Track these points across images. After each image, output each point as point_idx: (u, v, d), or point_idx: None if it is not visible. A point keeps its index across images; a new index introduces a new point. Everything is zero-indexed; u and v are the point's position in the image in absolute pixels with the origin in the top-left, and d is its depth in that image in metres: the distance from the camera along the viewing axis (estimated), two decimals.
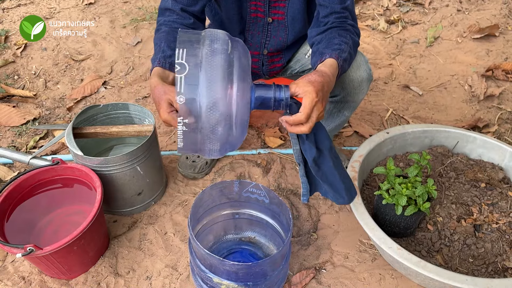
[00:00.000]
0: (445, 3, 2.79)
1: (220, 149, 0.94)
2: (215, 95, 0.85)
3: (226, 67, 0.86)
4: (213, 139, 0.90)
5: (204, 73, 0.84)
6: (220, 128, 0.88)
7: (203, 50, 0.86)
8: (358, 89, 1.33)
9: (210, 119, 0.86)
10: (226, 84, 0.86)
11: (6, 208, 1.35)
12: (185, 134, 0.89)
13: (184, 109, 0.85)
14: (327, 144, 1.09)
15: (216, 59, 0.86)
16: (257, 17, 1.40)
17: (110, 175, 1.43)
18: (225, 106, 0.86)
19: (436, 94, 2.14)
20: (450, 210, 1.45)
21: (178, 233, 1.51)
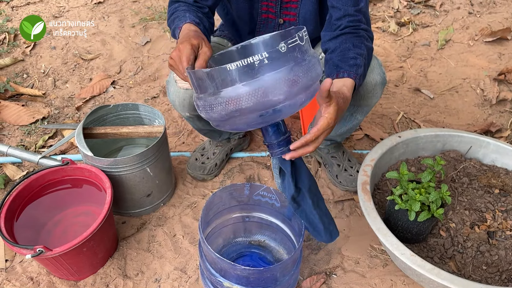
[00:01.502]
0: (456, 6, 2.76)
1: (213, 122, 0.93)
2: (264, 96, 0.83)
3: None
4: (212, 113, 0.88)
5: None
6: (224, 113, 0.86)
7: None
8: (372, 93, 1.31)
9: (228, 107, 0.84)
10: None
11: (15, 208, 1.34)
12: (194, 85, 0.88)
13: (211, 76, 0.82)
14: (306, 184, 1.09)
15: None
16: (268, 17, 1.39)
17: (120, 176, 1.42)
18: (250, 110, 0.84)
19: (448, 98, 2.11)
20: (463, 216, 1.43)
21: (187, 235, 1.50)
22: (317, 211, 1.11)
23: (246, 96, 0.81)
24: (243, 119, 0.86)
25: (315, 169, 1.73)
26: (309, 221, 1.13)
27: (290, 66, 0.81)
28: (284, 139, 0.99)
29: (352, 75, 1.09)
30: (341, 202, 1.61)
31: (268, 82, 0.80)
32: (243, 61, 0.77)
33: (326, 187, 1.67)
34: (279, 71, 0.80)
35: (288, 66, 0.81)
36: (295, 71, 0.82)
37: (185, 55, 0.97)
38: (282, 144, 0.99)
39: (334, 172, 1.67)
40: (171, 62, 1.02)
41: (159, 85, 2.20)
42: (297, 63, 0.82)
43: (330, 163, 1.68)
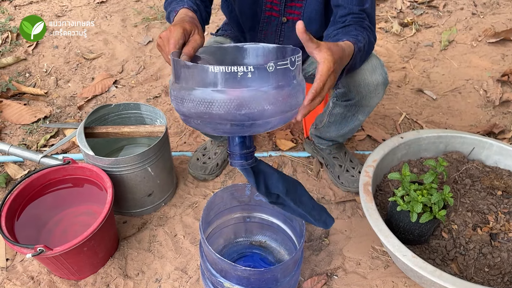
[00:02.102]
0: (459, 6, 2.75)
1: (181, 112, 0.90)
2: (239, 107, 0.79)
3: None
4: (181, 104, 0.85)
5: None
6: (193, 111, 0.83)
7: None
8: (374, 93, 1.30)
9: (198, 107, 0.81)
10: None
11: (16, 207, 1.34)
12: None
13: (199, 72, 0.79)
14: (281, 189, 1.06)
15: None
16: (271, 16, 1.37)
17: (121, 175, 1.42)
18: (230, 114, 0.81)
19: (450, 99, 2.10)
20: (466, 218, 1.42)
21: (188, 235, 1.49)
22: (302, 208, 1.09)
23: (219, 102, 0.78)
24: (211, 123, 0.83)
25: (316, 170, 1.72)
26: (299, 215, 1.12)
27: (271, 87, 0.78)
28: (247, 153, 0.97)
29: (351, 40, 1.06)
30: (343, 203, 1.61)
31: (245, 96, 0.77)
32: (227, 67, 0.75)
33: (328, 187, 1.66)
34: (259, 89, 0.78)
35: (270, 86, 0.78)
36: (276, 94, 0.79)
37: (174, 37, 0.94)
38: (243, 157, 0.96)
39: (336, 173, 1.66)
40: (159, 42, 0.98)
41: (161, 85, 2.20)
42: (280, 87, 0.79)
43: (332, 164, 1.67)
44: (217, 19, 2.68)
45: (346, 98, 1.36)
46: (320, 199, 1.61)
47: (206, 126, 0.86)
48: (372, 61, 1.28)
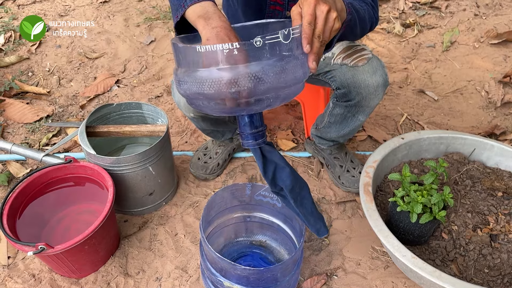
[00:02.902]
0: (462, 7, 2.75)
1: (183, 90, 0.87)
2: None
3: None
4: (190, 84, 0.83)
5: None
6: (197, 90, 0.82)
7: None
8: (374, 94, 1.31)
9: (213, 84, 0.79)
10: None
11: (18, 205, 1.35)
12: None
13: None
14: (288, 184, 1.03)
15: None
16: (275, 10, 1.36)
17: (122, 174, 1.43)
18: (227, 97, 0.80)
19: (452, 100, 2.10)
20: (466, 219, 1.42)
21: (188, 234, 1.50)
22: (300, 210, 1.07)
23: (208, 82, 0.78)
24: (209, 103, 0.83)
25: (317, 170, 1.73)
26: (296, 213, 1.10)
27: (260, 63, 0.76)
28: (257, 132, 0.95)
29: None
30: (343, 203, 1.61)
31: (232, 75, 0.76)
32: (212, 46, 0.74)
33: (329, 188, 1.66)
34: (246, 65, 0.76)
35: (259, 62, 0.76)
36: (265, 70, 0.77)
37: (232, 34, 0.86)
38: (253, 136, 0.95)
39: (337, 173, 1.66)
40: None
41: (163, 84, 2.20)
42: (270, 63, 0.77)
43: (333, 164, 1.68)
44: None
45: (346, 98, 1.36)
46: (320, 199, 1.62)
47: (207, 107, 0.86)
48: (373, 63, 1.28)
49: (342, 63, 1.31)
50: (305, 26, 0.81)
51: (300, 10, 0.84)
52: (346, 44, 1.36)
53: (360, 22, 1.06)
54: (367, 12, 1.12)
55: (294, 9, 0.85)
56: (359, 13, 1.03)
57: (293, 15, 0.85)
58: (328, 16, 0.83)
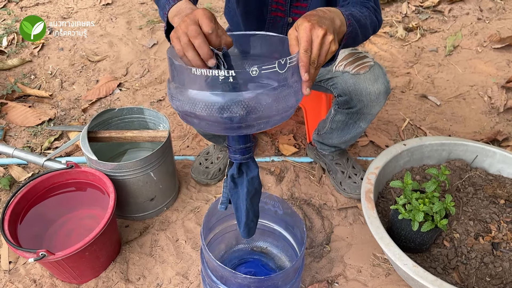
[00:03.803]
0: (465, 11, 2.74)
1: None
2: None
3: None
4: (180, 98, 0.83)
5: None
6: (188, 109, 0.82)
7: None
8: (375, 102, 1.30)
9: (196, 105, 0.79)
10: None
11: (20, 210, 1.35)
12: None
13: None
14: (251, 172, 1.00)
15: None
16: (277, 16, 1.36)
17: (124, 180, 1.43)
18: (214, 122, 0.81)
19: (455, 105, 2.10)
20: (468, 226, 1.42)
21: (189, 240, 1.50)
22: (247, 202, 1.02)
23: (201, 104, 0.78)
24: (202, 122, 0.84)
25: (319, 176, 1.72)
26: (236, 207, 1.05)
27: (255, 93, 0.76)
28: (243, 148, 0.95)
29: (340, 9, 0.96)
30: (345, 209, 1.60)
31: (224, 101, 0.76)
32: (208, 71, 0.74)
33: (330, 194, 1.66)
34: (240, 93, 0.76)
35: (253, 92, 0.76)
36: (259, 99, 0.77)
37: (208, 16, 0.81)
38: (239, 152, 0.95)
39: (338, 179, 1.66)
40: (182, 37, 0.81)
41: (165, 88, 2.21)
42: (265, 92, 0.77)
43: (334, 170, 1.67)
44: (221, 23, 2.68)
45: (348, 106, 1.36)
46: (322, 206, 1.61)
47: (197, 125, 0.86)
48: (374, 70, 1.28)
49: (344, 70, 1.31)
50: (302, 54, 0.81)
51: (296, 34, 0.84)
52: (348, 51, 1.36)
53: (362, 30, 1.05)
54: (369, 18, 1.11)
55: (291, 32, 0.85)
56: (360, 22, 1.03)
57: (290, 39, 0.85)
58: (324, 40, 0.82)
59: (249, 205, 1.03)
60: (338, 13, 0.92)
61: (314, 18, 0.83)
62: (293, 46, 0.83)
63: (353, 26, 0.97)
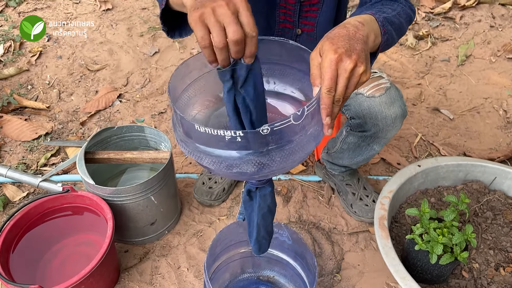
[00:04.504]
0: (477, 18, 2.65)
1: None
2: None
3: None
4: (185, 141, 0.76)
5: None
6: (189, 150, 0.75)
7: None
8: (391, 126, 1.22)
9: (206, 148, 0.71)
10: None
11: (12, 238, 1.27)
12: None
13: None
14: (266, 188, 0.90)
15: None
16: (285, 27, 1.27)
17: (123, 205, 1.35)
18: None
19: (468, 119, 2.01)
20: (488, 256, 1.33)
21: (192, 267, 1.42)
22: (258, 217, 0.94)
23: (208, 159, 0.71)
24: (211, 170, 0.76)
25: (328, 196, 1.64)
26: (249, 220, 0.97)
27: (266, 150, 0.67)
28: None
29: (369, 12, 0.84)
30: (356, 234, 1.52)
31: (233, 159, 0.69)
32: (213, 130, 0.64)
33: (340, 216, 1.58)
34: (250, 152, 0.67)
35: (264, 149, 0.67)
36: (271, 156, 0.68)
37: (250, 10, 0.66)
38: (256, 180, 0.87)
39: (349, 201, 1.57)
40: (214, 27, 0.64)
41: (166, 99, 2.12)
42: (279, 147, 0.67)
43: (345, 191, 1.59)
44: None
45: (362, 129, 1.27)
46: (332, 229, 1.53)
47: (207, 169, 0.78)
48: (390, 93, 1.19)
49: (358, 92, 1.23)
50: (324, 94, 0.69)
51: (319, 61, 0.72)
52: None
53: (398, 32, 0.94)
54: (403, 14, 0.98)
55: (314, 57, 0.73)
56: (394, 24, 0.91)
57: (312, 65, 0.73)
58: (353, 73, 0.71)
59: (261, 221, 0.95)
60: (371, 24, 0.80)
61: (342, 44, 0.71)
62: (314, 76, 0.72)
63: (389, 33, 0.85)
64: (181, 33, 0.93)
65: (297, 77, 0.87)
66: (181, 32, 0.93)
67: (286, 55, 0.84)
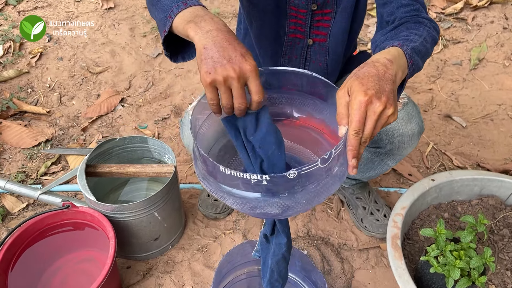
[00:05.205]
0: (489, 19, 2.57)
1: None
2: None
3: None
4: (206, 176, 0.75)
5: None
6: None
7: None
8: (408, 144, 1.16)
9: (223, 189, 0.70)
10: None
11: (11, 257, 1.23)
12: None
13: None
14: (286, 233, 0.89)
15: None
16: (295, 38, 1.20)
17: (125, 221, 1.30)
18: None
19: (482, 127, 1.95)
20: (505, 277, 1.28)
21: (196, 285, 1.37)
22: (271, 262, 0.93)
23: (231, 199, 0.70)
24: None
25: (337, 209, 1.59)
26: (264, 261, 0.97)
27: (291, 193, 0.66)
28: None
29: (396, 44, 0.83)
30: (366, 250, 1.47)
31: (258, 201, 0.67)
32: (238, 173, 0.64)
33: (350, 231, 1.52)
34: (276, 196, 0.66)
35: (290, 192, 0.66)
36: (297, 198, 0.67)
37: (255, 74, 0.71)
38: None
39: (359, 215, 1.52)
40: (223, 89, 0.71)
41: (170, 104, 2.06)
42: (304, 189, 0.66)
43: (355, 205, 1.53)
44: None
45: (376, 145, 1.21)
46: (341, 246, 1.48)
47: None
48: (408, 109, 1.13)
49: None
50: (351, 136, 0.67)
51: (347, 100, 0.69)
52: None
53: (423, 59, 0.90)
54: (429, 38, 0.93)
55: (341, 96, 0.70)
56: (421, 53, 0.87)
57: (339, 104, 0.70)
58: (382, 115, 0.68)
59: (275, 266, 0.93)
60: (399, 60, 0.77)
61: (372, 85, 0.68)
62: (341, 116, 0.69)
63: (416, 64, 0.82)
64: (184, 57, 0.90)
65: (318, 109, 0.83)
66: (184, 56, 0.89)
67: (307, 86, 0.82)
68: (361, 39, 2.48)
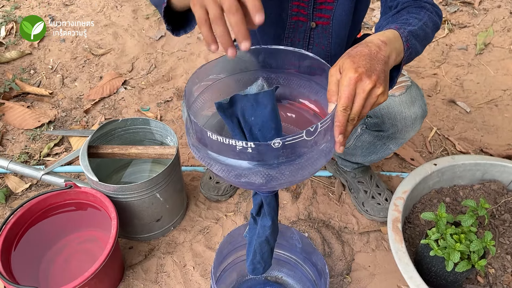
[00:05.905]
0: (496, 3, 2.53)
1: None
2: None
3: None
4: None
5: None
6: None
7: None
8: (411, 127, 1.15)
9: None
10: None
11: (14, 236, 1.24)
12: None
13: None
14: (274, 210, 0.89)
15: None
16: (298, 21, 1.19)
17: (127, 202, 1.31)
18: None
19: (486, 112, 1.93)
20: (505, 261, 1.28)
21: (198, 266, 1.38)
22: (255, 243, 0.94)
23: (217, 166, 0.69)
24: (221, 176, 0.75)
25: (338, 193, 1.59)
26: (249, 242, 0.98)
27: (276, 163, 0.66)
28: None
29: (393, 27, 0.82)
30: (367, 233, 1.47)
31: (242, 169, 0.67)
32: (224, 139, 0.64)
33: (351, 214, 1.53)
34: (260, 164, 0.66)
35: (274, 162, 0.66)
36: (281, 169, 0.67)
37: None
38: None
39: (360, 199, 1.52)
40: (211, 6, 0.65)
41: (172, 87, 2.06)
42: (288, 160, 0.66)
43: (356, 189, 1.53)
44: None
45: (378, 129, 1.21)
46: (342, 229, 1.48)
47: (216, 174, 0.77)
48: (411, 92, 1.13)
49: None
50: (339, 112, 0.67)
51: (338, 78, 0.69)
52: None
53: (422, 43, 0.89)
54: (430, 22, 0.93)
55: (333, 73, 0.70)
56: (419, 37, 0.87)
57: (330, 81, 0.70)
58: (371, 94, 0.68)
59: (257, 247, 0.95)
60: (394, 43, 0.77)
61: (363, 63, 0.68)
62: (331, 93, 0.69)
63: (413, 47, 0.82)
64: (186, 29, 0.91)
65: (314, 90, 0.83)
66: (186, 28, 0.90)
67: (304, 66, 0.82)
68: (366, 22, 2.45)
